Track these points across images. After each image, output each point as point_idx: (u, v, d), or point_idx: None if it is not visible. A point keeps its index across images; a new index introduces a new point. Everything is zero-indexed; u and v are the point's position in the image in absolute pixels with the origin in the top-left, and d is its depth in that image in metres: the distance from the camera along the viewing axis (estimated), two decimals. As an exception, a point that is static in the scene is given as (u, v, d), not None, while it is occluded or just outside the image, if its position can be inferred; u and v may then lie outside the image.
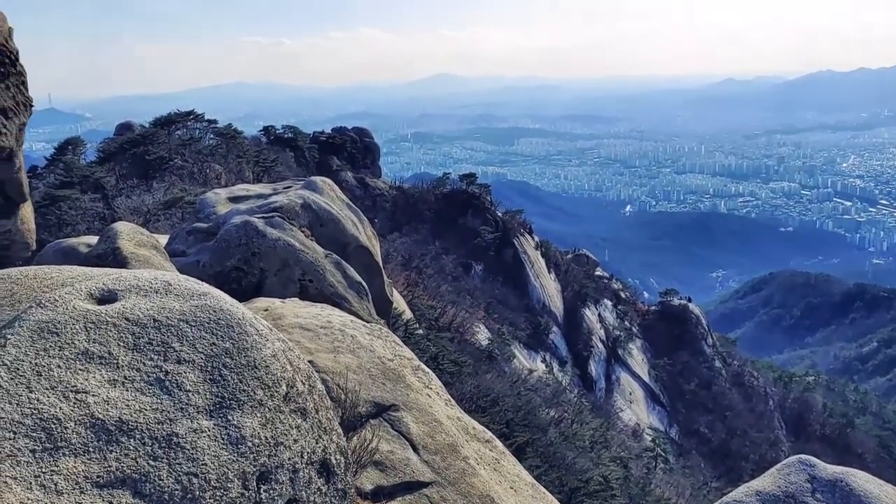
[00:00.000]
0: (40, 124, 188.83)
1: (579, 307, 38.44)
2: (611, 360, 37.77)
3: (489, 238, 36.50)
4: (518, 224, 39.43)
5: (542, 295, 36.72)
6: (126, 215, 18.73)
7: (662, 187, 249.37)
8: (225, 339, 3.00)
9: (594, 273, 44.20)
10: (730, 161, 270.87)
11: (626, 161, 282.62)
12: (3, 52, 9.52)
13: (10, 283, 3.30)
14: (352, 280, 11.25)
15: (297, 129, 39.74)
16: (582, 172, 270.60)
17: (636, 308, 45.19)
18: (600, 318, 39.64)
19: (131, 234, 8.78)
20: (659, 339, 42.06)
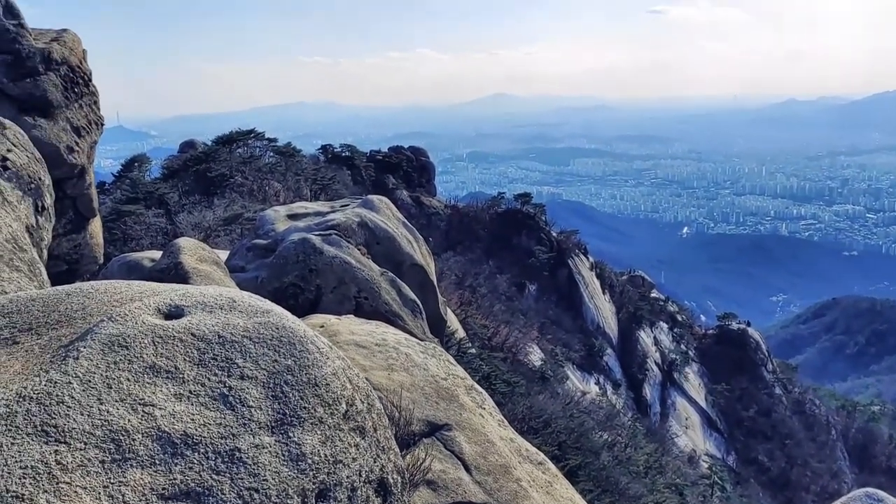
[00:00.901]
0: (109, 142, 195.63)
1: (634, 329, 37.90)
2: (666, 384, 37.07)
3: (543, 258, 36.31)
4: (573, 244, 39.16)
5: (597, 316, 36.32)
6: (188, 231, 19.16)
7: (721, 209, 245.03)
8: (287, 356, 3.05)
9: (650, 295, 43.55)
10: (791, 183, 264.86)
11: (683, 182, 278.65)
12: (77, 73, 9.92)
13: (82, 297, 3.41)
14: (406, 298, 11.31)
15: (354, 148, 40.25)
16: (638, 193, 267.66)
17: (693, 331, 44.35)
18: (656, 340, 39.00)
19: (193, 250, 8.98)
20: (716, 364, 41.14)
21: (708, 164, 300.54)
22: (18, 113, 9.10)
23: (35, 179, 7.24)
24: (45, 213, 7.49)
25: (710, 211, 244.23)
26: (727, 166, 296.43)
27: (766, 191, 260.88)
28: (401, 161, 41.23)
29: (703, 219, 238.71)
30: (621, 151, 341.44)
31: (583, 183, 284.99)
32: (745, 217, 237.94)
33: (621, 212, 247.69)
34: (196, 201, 23.02)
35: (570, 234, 40.52)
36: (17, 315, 3.34)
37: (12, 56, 9.40)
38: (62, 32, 10.44)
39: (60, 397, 2.62)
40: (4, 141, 7.09)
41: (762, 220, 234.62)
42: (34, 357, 2.89)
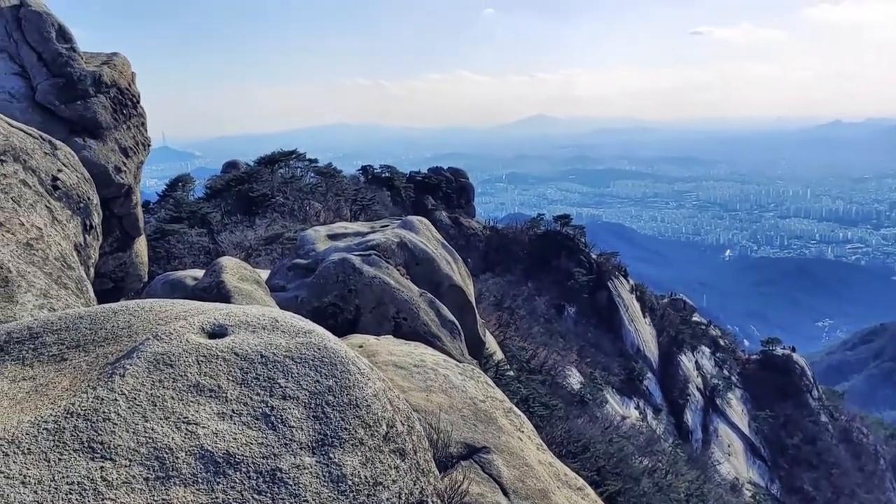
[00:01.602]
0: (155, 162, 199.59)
1: (675, 353, 37.33)
2: (708, 410, 36.39)
3: (583, 280, 36.03)
4: (613, 267, 38.81)
5: (637, 339, 35.88)
6: (229, 249, 19.41)
7: (765, 232, 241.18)
8: (328, 376, 3.06)
9: (691, 319, 42.91)
10: (837, 206, 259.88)
11: (726, 204, 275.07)
12: (126, 96, 10.17)
13: (128, 315, 3.47)
14: (445, 319, 11.29)
15: (393, 169, 40.51)
16: (679, 215, 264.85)
17: (736, 356, 43.54)
18: (697, 365, 38.36)
19: (235, 269, 9.10)
20: (760, 390, 40.30)
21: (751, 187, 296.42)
22: (69, 134, 9.35)
23: (84, 199, 7.41)
24: (92, 231, 7.65)
25: (753, 234, 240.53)
26: (771, 188, 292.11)
27: (812, 214, 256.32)
28: (440, 182, 41.37)
29: (746, 242, 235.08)
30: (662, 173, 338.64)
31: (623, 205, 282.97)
32: (790, 240, 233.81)
33: (662, 234, 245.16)
34: (238, 221, 23.34)
35: (610, 256, 40.16)
36: (66, 332, 3.42)
37: (64, 79, 9.67)
38: (112, 56, 10.73)
39: (107, 414, 2.66)
40: (55, 161, 7.28)
41: (807, 244, 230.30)
42: (81, 374, 2.95)
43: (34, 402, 2.82)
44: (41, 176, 6.94)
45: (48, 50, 9.69)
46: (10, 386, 3.05)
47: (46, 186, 6.95)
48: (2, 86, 9.23)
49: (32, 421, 2.63)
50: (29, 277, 5.64)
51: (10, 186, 6.46)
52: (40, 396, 2.86)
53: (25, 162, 6.80)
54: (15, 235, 6.02)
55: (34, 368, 3.21)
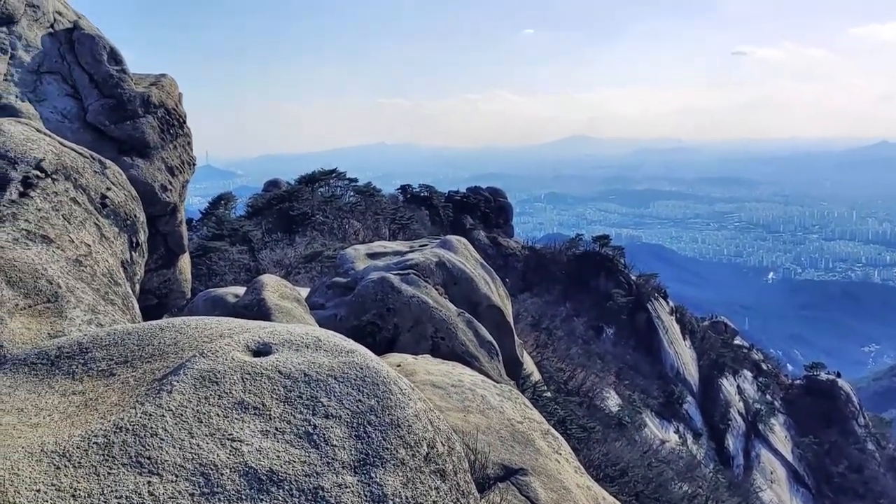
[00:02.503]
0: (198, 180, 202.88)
1: (716, 377, 36.72)
2: (750, 436, 35.67)
3: (622, 301, 35.71)
4: (652, 288, 38.41)
5: (677, 362, 35.39)
6: (270, 267, 19.63)
7: (809, 254, 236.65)
8: (370, 396, 3.09)
9: (733, 342, 42.22)
10: (884, 228, 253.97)
11: (769, 226, 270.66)
12: (173, 116, 10.41)
13: (174, 332, 3.54)
14: (483, 339, 11.28)
15: (432, 188, 40.68)
16: (721, 237, 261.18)
17: (779, 381, 42.68)
18: (739, 389, 37.68)
19: (276, 287, 9.21)
20: (804, 416, 39.41)
21: (795, 208, 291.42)
22: (118, 153, 9.58)
23: (131, 217, 7.58)
24: (138, 249, 7.82)
25: (797, 256, 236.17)
26: (815, 210, 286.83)
27: (857, 236, 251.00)
28: (479, 202, 41.45)
29: (789, 264, 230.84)
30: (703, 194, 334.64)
31: (663, 225, 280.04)
32: (835, 263, 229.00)
33: (703, 255, 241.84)
34: (278, 239, 23.60)
35: (649, 277, 39.78)
36: (114, 348, 3.50)
37: (115, 100, 9.93)
38: (161, 77, 11.00)
39: (154, 430, 2.72)
40: (105, 180, 7.46)
41: (853, 267, 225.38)
42: (129, 389, 3.01)
43: (84, 417, 2.88)
44: (90, 194, 7.12)
45: (99, 72, 9.97)
46: (61, 400, 3.13)
47: (95, 204, 7.12)
48: (55, 106, 9.51)
49: (83, 435, 2.69)
50: (77, 293, 5.78)
51: (61, 204, 6.63)
52: (90, 411, 2.93)
53: (76, 180, 6.99)
54: (65, 252, 6.18)
55: (84, 383, 3.29)
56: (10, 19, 9.75)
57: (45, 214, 6.33)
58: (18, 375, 3.50)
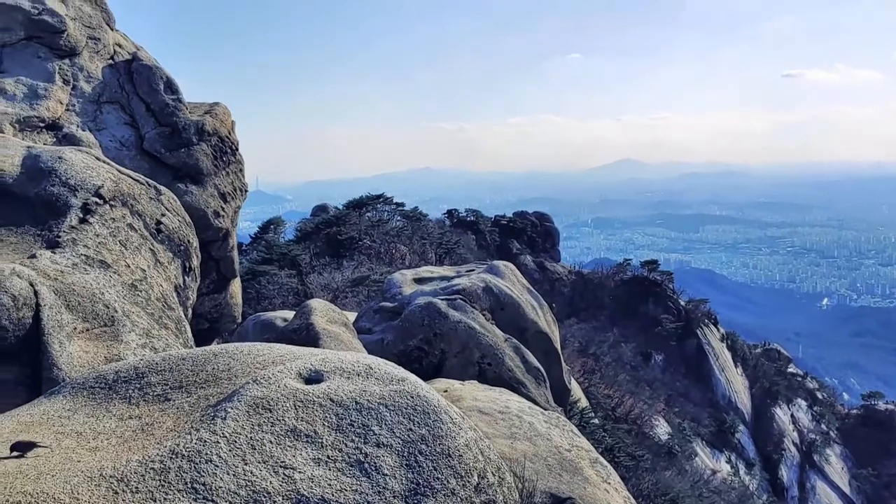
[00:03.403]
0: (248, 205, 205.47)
1: (769, 406, 35.81)
2: (805, 466, 34.63)
3: (671, 327, 35.15)
4: (702, 314, 37.74)
5: (728, 390, 34.63)
6: (317, 291, 19.82)
7: (865, 280, 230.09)
8: (421, 425, 3.09)
9: (786, 370, 41.18)
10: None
11: (823, 251, 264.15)
12: (225, 143, 10.64)
13: (227, 358, 3.59)
14: (530, 365, 11.21)
15: (478, 213, 40.73)
16: (773, 262, 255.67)
17: (834, 410, 41.43)
18: (793, 419, 36.67)
19: (324, 311, 9.30)
20: (861, 447, 38.13)
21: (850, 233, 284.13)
22: (173, 180, 9.82)
23: (185, 242, 7.74)
24: (191, 273, 7.97)
25: (852, 282, 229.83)
26: (871, 234, 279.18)
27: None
28: (525, 226, 41.36)
29: (844, 290, 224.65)
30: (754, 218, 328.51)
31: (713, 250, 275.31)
32: (893, 289, 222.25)
33: (754, 281, 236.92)
34: (326, 263, 23.82)
35: (699, 302, 39.11)
36: (169, 373, 3.56)
37: (170, 128, 10.20)
38: (214, 105, 11.27)
39: (209, 456, 2.75)
40: (160, 206, 7.64)
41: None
42: (184, 415, 3.06)
43: (141, 442, 2.94)
44: (146, 220, 7.30)
45: (156, 101, 10.26)
46: (118, 424, 3.20)
47: (151, 230, 7.30)
48: (113, 135, 9.81)
49: (140, 460, 2.74)
50: (133, 317, 5.91)
51: (119, 230, 6.81)
52: (146, 436, 2.99)
53: (132, 207, 7.17)
54: (121, 277, 6.33)
55: (140, 407, 3.35)
56: (73, 51, 10.11)
57: (103, 240, 6.50)
58: (77, 399, 3.59)
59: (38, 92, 9.39)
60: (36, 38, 9.93)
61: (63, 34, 10.03)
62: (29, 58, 9.78)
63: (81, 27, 10.46)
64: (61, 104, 9.51)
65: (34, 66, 9.72)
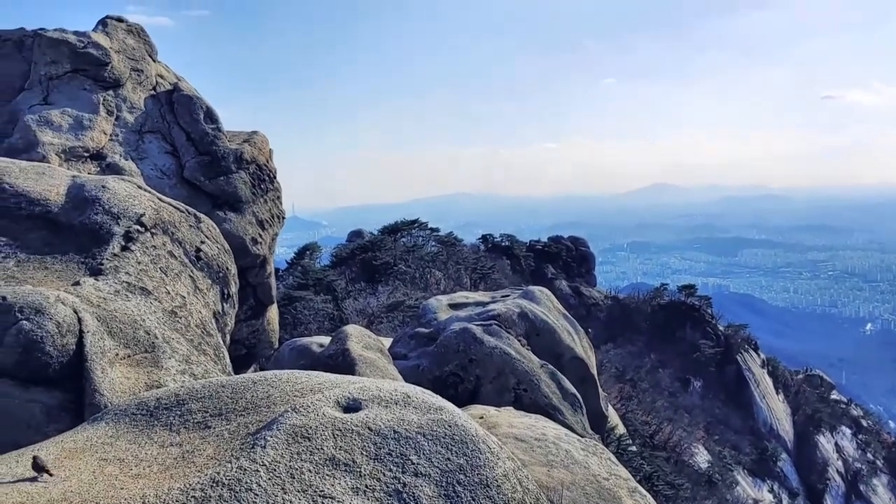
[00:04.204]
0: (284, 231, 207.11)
1: (812, 433, 34.97)
2: (850, 496, 33.68)
3: (710, 353, 34.59)
4: (742, 339, 37.10)
5: (770, 417, 33.91)
6: (352, 316, 19.90)
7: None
8: (459, 454, 3.08)
9: (829, 397, 40.24)
10: None
11: (865, 275, 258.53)
12: (263, 171, 10.80)
13: (266, 386, 3.62)
14: (566, 391, 11.11)
15: (513, 238, 40.65)
16: (814, 286, 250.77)
17: (881, 439, 40.31)
18: (837, 447, 35.75)
19: (360, 337, 9.33)
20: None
21: (893, 256, 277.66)
22: (212, 207, 9.98)
23: (223, 269, 7.84)
24: (230, 300, 8.06)
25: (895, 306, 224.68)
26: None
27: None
28: (560, 251, 41.16)
29: (889, 315, 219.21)
30: (794, 242, 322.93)
31: (752, 275, 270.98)
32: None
33: (795, 305, 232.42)
34: (361, 288, 23.92)
35: (738, 328, 38.48)
36: (209, 400, 3.60)
37: (210, 157, 10.39)
38: (252, 134, 11.46)
39: (248, 485, 2.77)
40: (199, 233, 7.76)
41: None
42: (224, 442, 3.09)
43: (182, 469, 2.97)
44: (186, 247, 7.41)
45: (196, 130, 10.47)
46: (159, 451, 3.23)
47: (190, 257, 7.41)
48: (155, 164, 10.02)
49: (182, 488, 2.77)
50: (173, 344, 5.99)
51: (159, 257, 6.93)
52: (187, 463, 3.01)
53: (173, 234, 7.30)
54: (161, 303, 6.43)
55: (181, 435, 3.39)
56: (117, 83, 10.38)
57: (145, 267, 6.62)
58: (120, 426, 3.64)
59: (83, 123, 9.64)
60: (82, 70, 10.22)
61: (107, 66, 10.30)
62: (75, 90, 10.07)
63: (125, 59, 10.74)
64: (105, 134, 9.75)
65: (80, 98, 10.00)
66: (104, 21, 11.12)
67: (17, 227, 6.52)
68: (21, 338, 4.93)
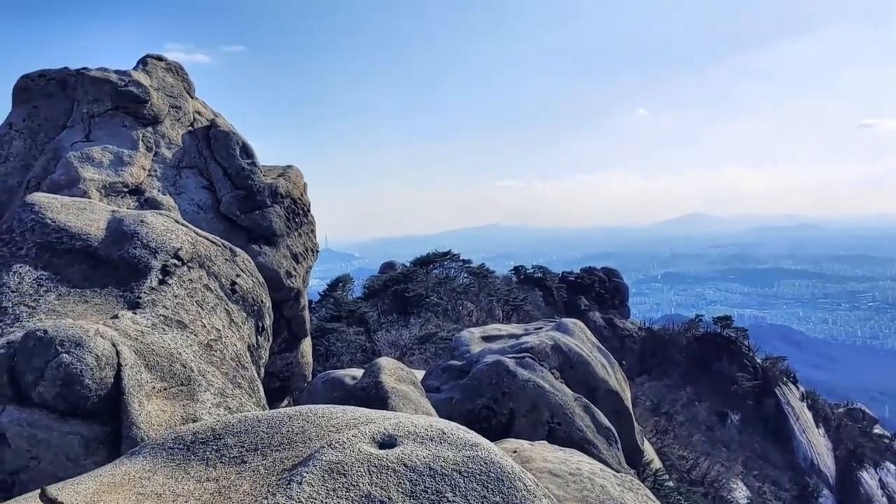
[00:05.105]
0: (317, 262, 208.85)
1: (855, 469, 34.05)
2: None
3: (747, 386, 33.98)
4: (780, 372, 36.41)
5: (810, 452, 33.10)
6: (384, 348, 19.93)
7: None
8: (495, 492, 3.05)
9: (872, 431, 39.20)
10: None
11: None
12: (298, 205, 10.94)
13: (302, 421, 3.64)
14: (601, 425, 10.98)
15: (545, 269, 40.53)
16: (854, 317, 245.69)
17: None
18: (882, 483, 34.74)
19: (393, 370, 9.33)
20: (959, 516, 35.82)
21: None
22: (247, 241, 10.12)
23: (258, 302, 7.92)
24: (264, 333, 8.13)
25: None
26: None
27: None
28: (593, 282, 40.91)
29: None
30: (832, 272, 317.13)
31: (789, 306, 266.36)
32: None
33: (834, 337, 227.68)
34: (393, 320, 23.97)
35: (776, 360, 37.78)
36: (245, 435, 3.62)
37: (245, 191, 10.56)
38: (287, 168, 11.63)
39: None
40: (234, 267, 7.86)
41: None
42: (260, 478, 3.10)
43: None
44: (222, 281, 7.51)
45: (233, 165, 10.66)
46: (196, 486, 3.26)
47: (226, 290, 7.50)
48: (192, 198, 10.20)
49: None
50: (208, 377, 6.04)
51: (196, 290, 7.03)
52: (224, 499, 3.03)
53: (209, 268, 7.40)
54: (197, 336, 6.50)
55: (217, 469, 3.41)
56: (156, 120, 10.62)
57: (181, 301, 6.71)
58: (157, 460, 3.67)
59: (123, 159, 9.87)
60: (122, 108, 10.49)
61: (147, 104, 10.56)
62: (115, 127, 10.32)
63: (164, 97, 11.00)
64: (144, 170, 9.96)
65: (120, 135, 10.25)
66: (144, 60, 11.43)
67: (58, 261, 6.67)
68: (61, 371, 5.02)
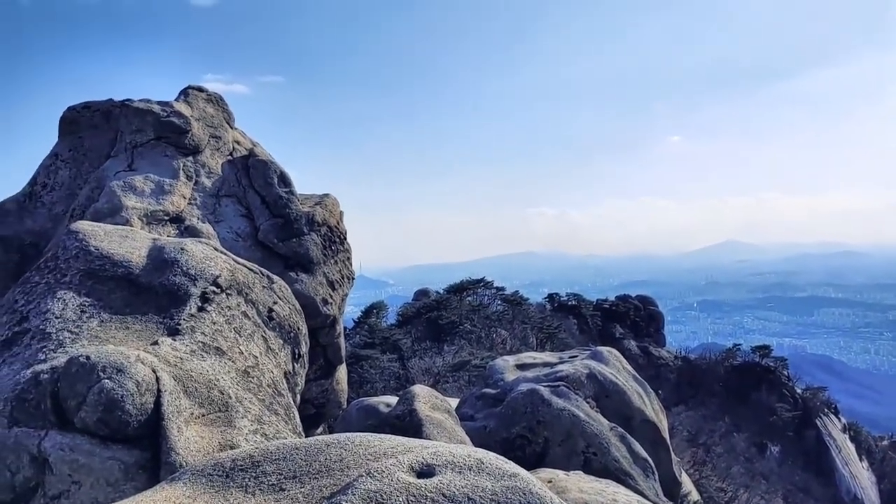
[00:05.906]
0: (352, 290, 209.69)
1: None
2: (944, 572, 31.61)
3: (787, 416, 33.30)
4: (821, 402, 35.65)
5: (853, 485, 32.25)
6: (418, 375, 19.92)
7: None
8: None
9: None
10: None
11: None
12: (334, 233, 11.06)
13: (339, 449, 3.66)
14: (637, 455, 10.84)
15: (580, 297, 40.29)
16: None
17: (977, 511, 37.86)
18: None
19: (427, 398, 9.34)
20: None
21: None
22: (284, 269, 10.23)
23: (294, 329, 7.99)
24: (300, 360, 8.19)
25: None
26: None
27: None
28: (628, 310, 40.55)
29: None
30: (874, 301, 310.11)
31: (830, 335, 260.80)
32: None
33: (877, 367, 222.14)
34: (427, 347, 23.99)
35: (817, 390, 37.02)
36: (283, 462, 3.65)
37: (283, 219, 10.70)
38: (324, 197, 11.77)
39: (324, 550, 2.78)
40: (272, 294, 7.95)
41: None
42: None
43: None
44: (259, 308, 7.60)
45: (271, 194, 10.82)
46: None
47: (263, 317, 7.58)
48: (230, 226, 10.36)
49: (259, 552, 2.80)
50: (245, 403, 6.10)
51: (234, 318, 7.11)
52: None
53: (247, 295, 7.49)
54: (235, 363, 6.57)
55: (256, 497, 3.44)
56: (196, 149, 10.85)
57: (219, 327, 6.80)
58: (197, 486, 3.71)
59: (164, 188, 10.07)
60: (164, 137, 10.73)
61: (188, 134, 10.79)
62: (157, 156, 10.56)
63: (204, 127, 11.23)
64: (184, 198, 10.15)
65: (161, 164, 10.47)
66: (186, 91, 11.70)
67: (101, 287, 6.80)
68: (103, 396, 5.11)
